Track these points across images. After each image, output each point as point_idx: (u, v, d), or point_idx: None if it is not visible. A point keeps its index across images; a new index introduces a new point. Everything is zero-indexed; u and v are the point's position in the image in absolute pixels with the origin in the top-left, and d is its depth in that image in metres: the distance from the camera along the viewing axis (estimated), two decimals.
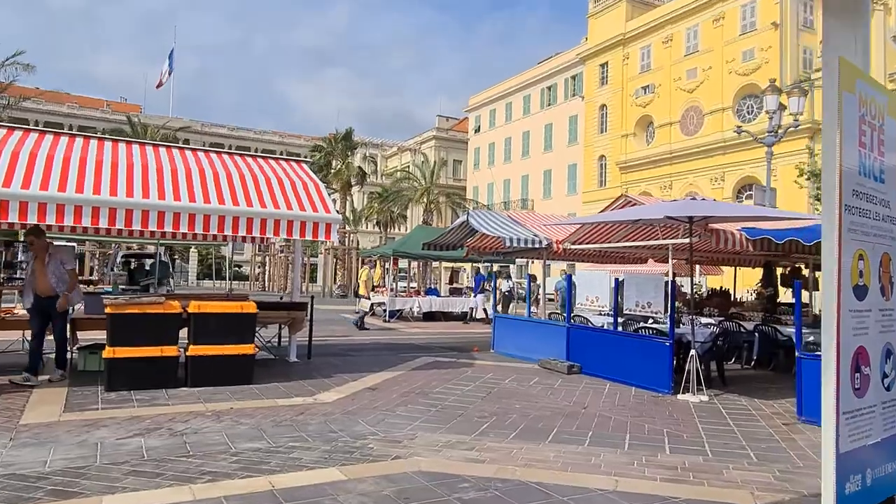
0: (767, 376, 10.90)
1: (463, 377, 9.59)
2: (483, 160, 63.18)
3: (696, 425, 6.92)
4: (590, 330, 10.82)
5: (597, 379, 9.76)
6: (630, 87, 46.75)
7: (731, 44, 39.53)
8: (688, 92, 42.16)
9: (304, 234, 8.80)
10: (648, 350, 9.14)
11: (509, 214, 14.57)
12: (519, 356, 11.73)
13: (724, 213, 8.50)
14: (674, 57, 43.39)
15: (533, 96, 57.27)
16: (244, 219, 8.41)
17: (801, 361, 7.09)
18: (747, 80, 38.46)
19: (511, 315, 14.51)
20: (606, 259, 15.69)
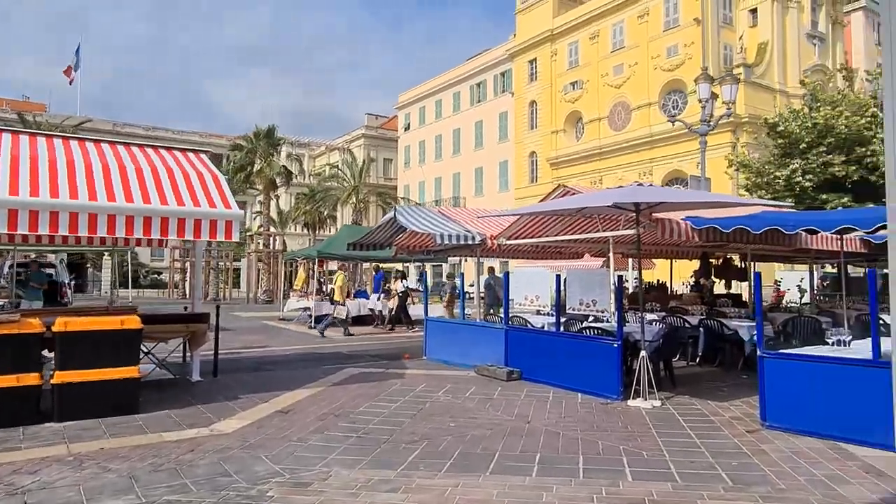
0: (715, 373, 10.34)
1: (391, 392, 8.49)
2: (414, 158, 62.14)
3: (655, 439, 6.10)
4: (530, 332, 9.96)
5: (539, 385, 8.88)
6: (559, 84, 46.77)
7: (655, 40, 40.02)
8: (615, 87, 42.47)
9: (198, 234, 7.47)
10: (595, 352, 8.33)
11: (440, 210, 13.58)
12: (454, 363, 10.74)
13: (678, 199, 7.77)
14: (601, 53, 43.63)
15: (463, 93, 56.66)
16: (122, 217, 7.02)
17: (764, 362, 6.39)
18: (672, 75, 39.02)
19: (444, 318, 13.52)
20: (542, 255, 14.93)
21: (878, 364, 5.57)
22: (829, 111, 18.09)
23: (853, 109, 17.91)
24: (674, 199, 7.61)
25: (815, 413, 5.95)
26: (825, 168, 17.66)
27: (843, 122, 17.55)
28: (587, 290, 8.44)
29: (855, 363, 5.74)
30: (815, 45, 40.24)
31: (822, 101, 19.14)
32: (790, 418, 6.15)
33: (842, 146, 17.74)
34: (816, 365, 5.99)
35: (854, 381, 5.68)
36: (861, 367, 5.67)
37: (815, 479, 4.87)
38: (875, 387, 5.55)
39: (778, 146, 19.57)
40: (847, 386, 5.72)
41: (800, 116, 18.89)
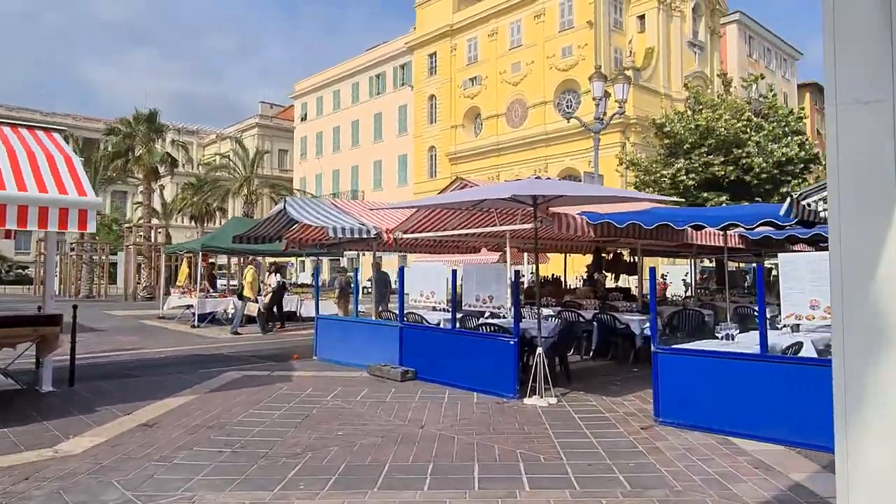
0: (608, 367, 10.43)
1: (276, 397, 7.82)
2: (311, 150, 60.33)
3: (552, 440, 5.88)
4: (425, 329, 9.58)
5: (435, 385, 8.52)
6: (458, 79, 46.89)
7: (551, 40, 40.96)
8: (513, 85, 43.11)
9: (44, 224, 6.46)
10: (491, 350, 8.07)
11: (333, 202, 12.91)
12: (346, 363, 10.17)
13: (576, 193, 7.64)
14: (499, 50, 44.14)
15: (361, 84, 55.60)
16: None
17: (658, 357, 6.35)
18: (566, 75, 40.10)
19: (335, 315, 12.86)
20: (440, 249, 14.64)
21: (766, 358, 5.63)
22: (710, 114, 19.07)
23: (731, 113, 18.98)
24: (572, 193, 7.47)
25: (706, 408, 5.96)
26: (706, 168, 18.59)
27: (722, 125, 18.54)
28: (484, 285, 8.17)
29: (744, 357, 5.78)
30: (695, 52, 42.77)
31: (703, 104, 20.17)
32: (682, 414, 6.13)
33: (721, 147, 18.75)
34: (708, 360, 6.01)
35: (743, 376, 5.72)
36: (750, 361, 5.71)
37: (709, 478, 4.79)
38: (762, 381, 5.61)
39: (664, 146, 20.42)
40: (736, 380, 5.76)
41: (684, 118, 19.79)
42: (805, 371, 5.44)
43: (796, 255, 5.53)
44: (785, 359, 5.65)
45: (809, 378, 5.37)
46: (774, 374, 5.55)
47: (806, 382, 5.38)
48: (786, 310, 5.47)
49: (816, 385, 5.32)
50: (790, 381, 5.46)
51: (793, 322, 5.49)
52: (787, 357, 5.76)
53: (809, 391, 5.34)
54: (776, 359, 5.62)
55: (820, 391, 5.30)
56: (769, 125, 19.19)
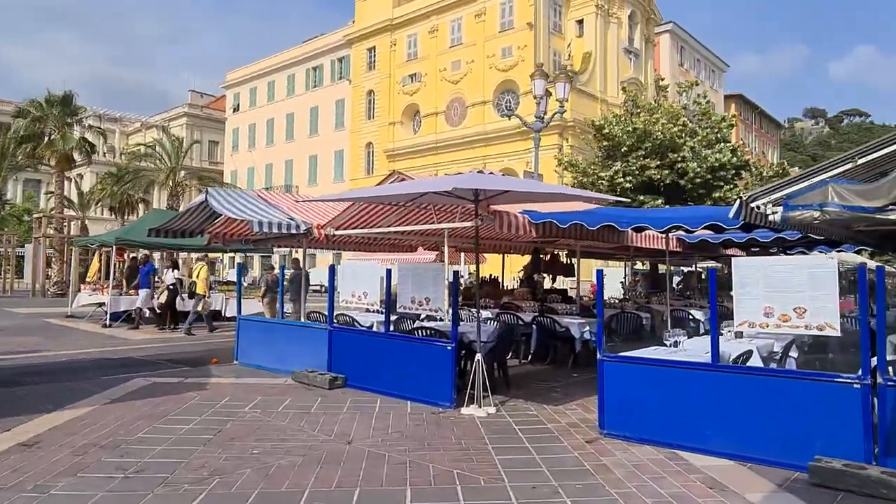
0: (547, 372, 10.08)
1: (186, 408, 7.01)
2: (243, 142, 58.21)
3: (492, 457, 5.38)
4: (356, 333, 8.94)
5: (366, 394, 7.90)
6: (397, 75, 46.20)
7: (491, 39, 40.87)
8: (452, 83, 42.79)
9: None
10: (427, 355, 7.52)
11: (260, 194, 12.05)
12: (270, 368, 9.41)
13: (522, 189, 7.18)
14: (439, 48, 43.73)
15: (298, 76, 54.04)
16: None
17: (604, 365, 5.96)
18: (506, 75, 40.10)
19: (258, 316, 11.99)
20: (374, 247, 13.96)
21: (717, 368, 5.32)
22: (647, 118, 19.20)
23: (668, 118, 19.17)
24: (517, 189, 7.00)
25: (654, 420, 5.61)
26: (643, 171, 18.70)
27: (659, 129, 18.69)
28: (420, 286, 7.61)
29: (695, 367, 5.46)
30: (631, 59, 43.64)
31: (641, 107, 20.32)
32: (629, 425, 5.77)
33: (657, 151, 18.90)
34: (656, 369, 5.66)
35: (693, 386, 5.40)
36: (701, 370, 5.39)
37: (662, 500, 4.40)
38: (713, 391, 5.30)
39: (602, 148, 20.46)
40: (686, 390, 5.43)
41: (622, 121, 19.87)
42: (757, 382, 5.16)
43: (751, 260, 5.24)
44: (737, 368, 5.36)
45: (761, 389, 5.09)
46: (725, 385, 5.25)
47: (758, 394, 5.09)
48: (739, 317, 5.17)
49: (768, 397, 5.04)
50: (741, 392, 5.17)
51: (744, 329, 5.20)
52: (740, 367, 5.48)
53: (761, 403, 5.05)
54: (728, 368, 5.32)
55: (771, 403, 5.03)
56: (703, 131, 19.49)
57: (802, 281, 4.90)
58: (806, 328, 4.87)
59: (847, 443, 4.65)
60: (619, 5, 42.11)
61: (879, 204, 5.75)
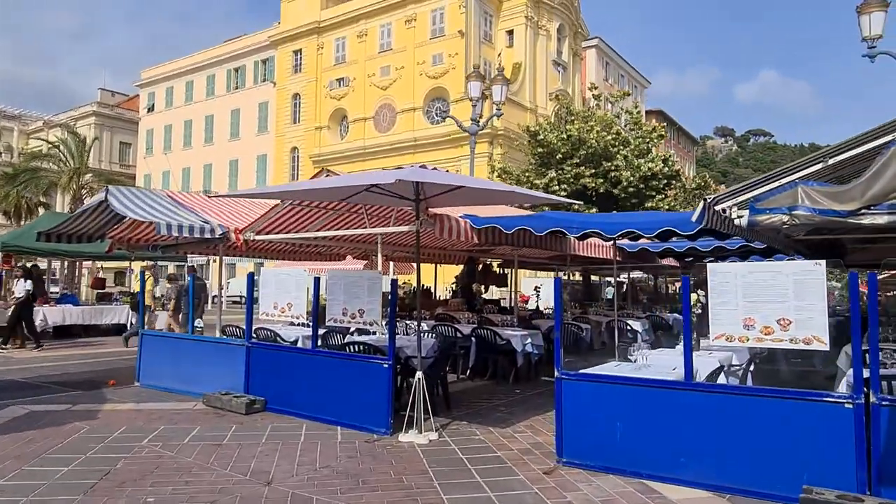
0: (488, 389, 9.38)
1: (70, 443, 5.85)
2: (158, 144, 55.06)
3: (440, 496, 4.59)
4: (279, 349, 7.94)
5: (289, 419, 6.94)
6: (324, 79, 44.91)
7: (422, 46, 40.34)
8: (381, 89, 41.94)
9: None
10: (360, 374, 6.66)
11: (170, 194, 10.81)
12: (177, 390, 8.25)
13: (477, 186, 6.43)
14: (368, 52, 42.81)
15: (218, 77, 51.67)
16: None
17: (563, 385, 5.30)
18: (436, 83, 39.63)
19: (163, 332, 10.68)
20: (299, 255, 12.90)
21: (692, 387, 4.76)
22: (581, 125, 19.05)
23: (602, 125, 19.09)
24: (473, 185, 6.24)
25: (621, 446, 4.99)
26: (577, 179, 18.49)
27: (593, 137, 18.55)
28: (353, 296, 6.74)
29: (667, 385, 4.87)
30: (559, 71, 44.18)
31: (575, 115, 20.19)
32: (592, 453, 5.12)
33: (591, 160, 18.76)
34: (623, 388, 5.04)
35: (664, 407, 4.81)
36: (674, 390, 4.81)
37: None
38: (687, 413, 4.73)
39: (536, 155, 20.17)
40: (656, 412, 4.84)
41: (556, 128, 19.64)
42: (737, 402, 4.62)
43: (728, 266, 4.72)
44: (714, 387, 4.82)
45: (741, 410, 4.56)
46: (700, 406, 4.69)
47: (737, 415, 4.56)
48: (716, 329, 4.63)
49: (749, 419, 4.51)
50: (719, 413, 4.62)
51: (719, 343, 4.67)
52: (717, 385, 4.92)
53: (741, 426, 4.52)
54: (704, 387, 4.77)
55: (753, 426, 4.50)
56: (634, 140, 19.53)
57: (787, 289, 4.40)
58: (791, 342, 4.37)
59: (839, 470, 4.16)
60: (548, 18, 42.59)
61: (853, 207, 5.38)
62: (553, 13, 42.96)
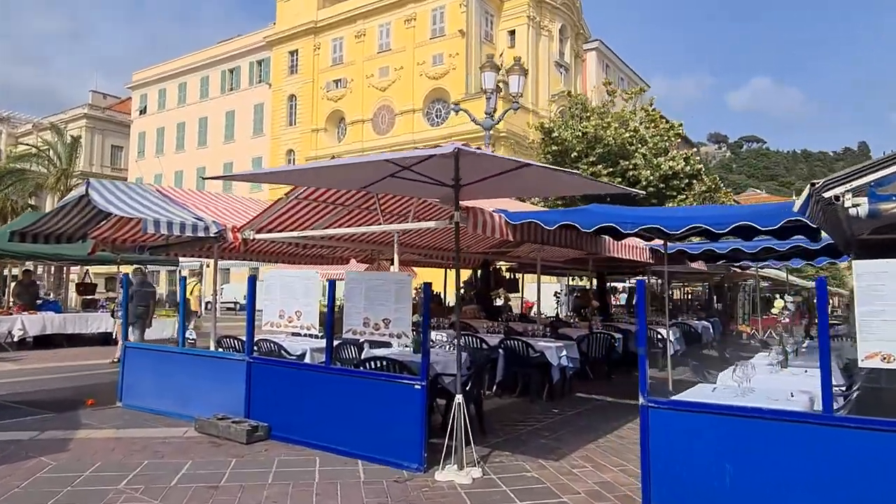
0: (521, 407, 8.27)
1: (27, 487, 4.69)
2: (150, 147, 53.77)
3: None
4: (286, 366, 6.79)
5: (299, 450, 5.81)
6: (321, 80, 43.85)
7: (422, 46, 39.37)
8: (380, 90, 40.92)
9: None
10: (386, 397, 5.54)
11: (160, 189, 9.70)
12: (166, 412, 7.10)
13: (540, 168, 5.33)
14: (366, 53, 41.81)
15: (213, 78, 50.50)
16: None
17: (650, 415, 4.19)
18: (437, 84, 38.64)
19: (151, 343, 9.46)
20: (299, 259, 11.72)
21: (837, 422, 3.65)
22: (598, 121, 18.03)
23: (619, 122, 18.07)
24: (538, 167, 5.08)
25: (732, 495, 3.88)
26: (594, 179, 17.42)
27: (610, 134, 17.53)
28: (377, 302, 5.63)
29: (799, 419, 3.77)
30: (561, 73, 43.27)
31: (591, 111, 19.18)
32: (692, 502, 4.01)
33: (608, 158, 17.74)
34: (735, 421, 3.94)
35: (797, 447, 3.71)
36: (808, 424, 3.71)
37: None
38: (828, 458, 3.63)
39: (550, 154, 19.12)
40: (786, 454, 3.74)
41: (570, 125, 18.62)
42: None
43: (883, 264, 3.65)
44: (875, 423, 3.65)
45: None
46: (847, 448, 3.59)
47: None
48: (865, 347, 3.55)
49: None
50: (870, 459, 3.52)
51: (876, 364, 3.58)
52: (879, 422, 3.75)
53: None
54: (853, 422, 3.65)
55: None
56: (652, 139, 18.52)
57: None
58: None
59: None
60: (550, 18, 41.71)
61: None
62: (555, 13, 42.08)
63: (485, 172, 5.19)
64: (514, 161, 4.82)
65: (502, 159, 4.91)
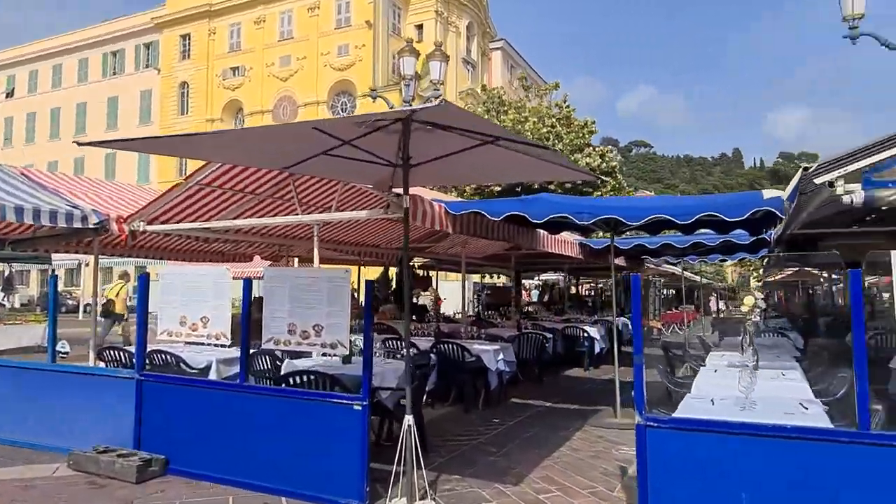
0: (458, 417, 7.51)
1: None
2: (18, 134, 48.48)
3: None
4: (188, 384, 5.60)
5: (206, 487, 4.72)
6: (217, 67, 41.19)
7: (326, 36, 37.83)
8: (281, 80, 38.96)
9: None
10: (318, 420, 4.58)
11: (26, 172, 8.16)
12: (32, 444, 5.72)
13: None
14: (267, 40, 39.67)
15: (92, 61, 46.20)
16: None
17: (648, 435, 3.53)
18: (342, 75, 37.27)
19: (10, 360, 7.72)
20: (194, 255, 10.33)
21: (873, 439, 3.13)
22: (516, 115, 17.64)
23: (537, 117, 17.77)
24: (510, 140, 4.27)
25: None
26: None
27: (528, 129, 17.18)
28: (304, 305, 4.65)
29: (824, 437, 3.23)
30: (468, 70, 43.09)
31: (509, 105, 18.76)
32: None
33: None
34: (750, 441, 3.34)
35: (830, 471, 3.16)
36: (839, 443, 3.17)
37: None
38: (861, 479, 3.11)
39: None
40: (812, 478, 3.18)
41: (489, 118, 18.10)
42: None
43: None
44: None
45: None
46: (880, 467, 3.08)
47: None
48: None
49: None
50: None
51: None
52: None
53: None
54: (884, 439, 3.14)
55: None
56: (567, 136, 18.39)
57: None
58: None
59: None
60: (458, 14, 41.39)
61: None
62: (463, 10, 41.81)
63: (442, 149, 4.36)
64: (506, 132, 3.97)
65: (491, 124, 4.04)
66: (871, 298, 17.06)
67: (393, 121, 3.82)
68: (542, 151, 4.18)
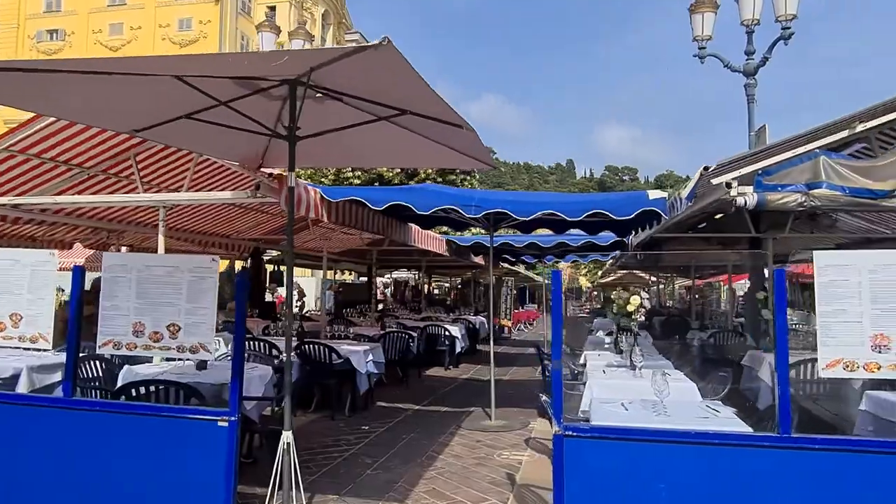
0: (325, 426, 6.84)
1: None
2: None
3: None
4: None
5: None
6: (31, 28, 36.02)
7: (166, 6, 34.59)
8: (111, 49, 34.95)
9: None
10: (172, 441, 3.74)
11: None
12: None
13: None
14: (93, 4, 35.42)
15: None
16: None
17: (565, 445, 3.21)
18: (183, 51, 34.20)
19: None
20: (3, 238, 8.64)
21: (794, 443, 3.05)
22: None
23: None
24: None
25: None
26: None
27: None
28: (157, 301, 3.78)
29: (748, 442, 3.11)
30: None
31: None
32: None
33: None
34: (677, 449, 3.15)
35: (754, 477, 3.04)
36: (763, 448, 3.07)
37: None
38: (784, 486, 3.03)
39: None
40: (741, 486, 3.05)
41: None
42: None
43: (849, 255, 3.14)
44: (830, 442, 3.12)
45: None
46: (801, 473, 3.03)
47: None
48: (827, 353, 3.02)
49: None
50: (825, 484, 3.01)
51: (836, 374, 3.08)
52: (862, 442, 3.20)
53: None
54: (810, 442, 3.07)
55: None
56: None
57: None
58: None
59: None
60: (314, 1, 39.91)
61: (890, 187, 4.29)
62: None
63: (338, 121, 3.75)
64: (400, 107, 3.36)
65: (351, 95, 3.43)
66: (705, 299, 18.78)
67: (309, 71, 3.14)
68: (465, 133, 3.67)
